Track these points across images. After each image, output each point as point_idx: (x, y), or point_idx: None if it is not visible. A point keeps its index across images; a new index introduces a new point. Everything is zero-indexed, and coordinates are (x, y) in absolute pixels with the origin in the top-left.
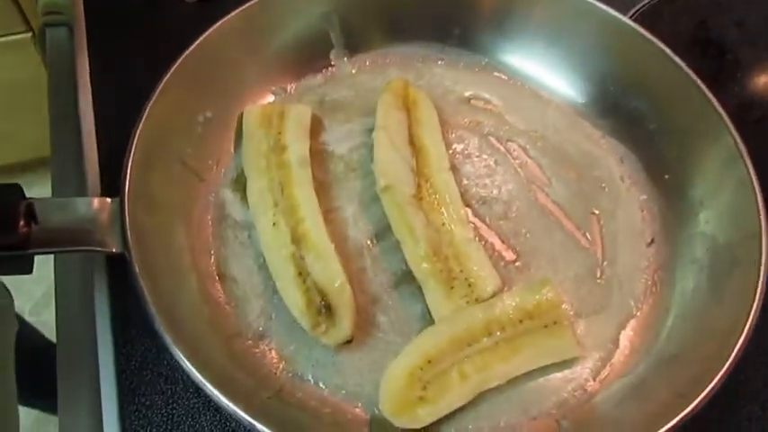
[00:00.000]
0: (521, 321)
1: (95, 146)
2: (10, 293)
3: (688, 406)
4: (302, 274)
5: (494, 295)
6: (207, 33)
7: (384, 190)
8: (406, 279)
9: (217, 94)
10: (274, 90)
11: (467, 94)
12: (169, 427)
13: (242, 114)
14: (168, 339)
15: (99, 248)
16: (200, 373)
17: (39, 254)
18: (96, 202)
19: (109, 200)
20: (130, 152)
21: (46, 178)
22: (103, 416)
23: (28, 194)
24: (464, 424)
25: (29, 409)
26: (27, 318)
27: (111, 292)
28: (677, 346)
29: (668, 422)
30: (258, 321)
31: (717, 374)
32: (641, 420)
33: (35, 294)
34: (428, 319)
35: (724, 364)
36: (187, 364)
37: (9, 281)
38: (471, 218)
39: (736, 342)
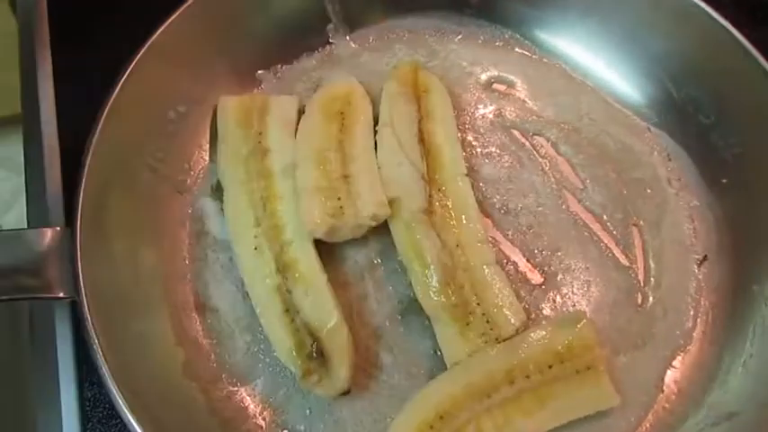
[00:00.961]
0: (549, 367)
1: (57, 152)
2: None
3: None
4: (290, 311)
5: (517, 332)
6: (180, 9)
7: (389, 204)
8: (414, 307)
9: (192, 82)
10: (261, 75)
11: (487, 76)
12: None
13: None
14: (124, 409)
15: (42, 295)
16: None
17: None
18: (41, 233)
19: (59, 229)
20: (86, 164)
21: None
22: None
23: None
24: None
25: None
26: None
27: (76, 330)
28: (737, 400)
29: None
30: (242, 361)
31: None
32: None
33: None
34: (439, 357)
35: None
36: None
37: None
38: (491, 231)
39: None
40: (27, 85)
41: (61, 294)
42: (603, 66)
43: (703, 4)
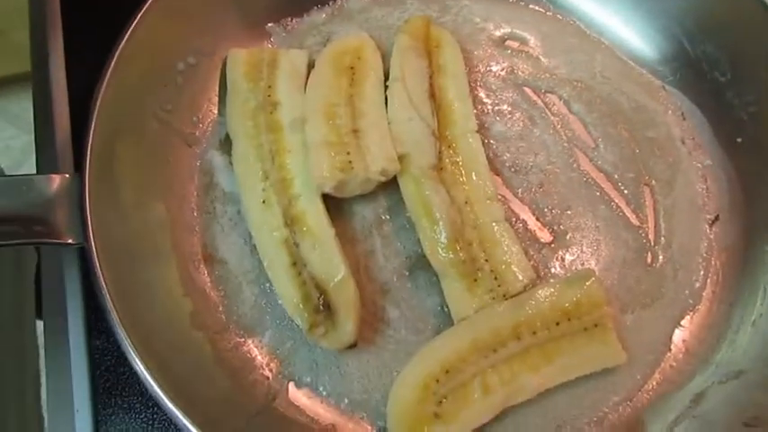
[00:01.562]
0: (557, 323)
1: (66, 105)
2: None
3: None
4: (297, 264)
5: (525, 289)
6: None
7: (400, 159)
8: (422, 264)
9: (201, 34)
10: (270, 28)
11: (500, 32)
12: None
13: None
14: (133, 355)
15: (51, 240)
16: (167, 396)
17: None
18: (50, 179)
19: (68, 175)
20: (95, 111)
21: None
22: (76, 424)
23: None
24: None
25: None
26: None
27: (84, 279)
28: (745, 358)
29: None
30: (250, 313)
31: None
32: None
33: None
34: (446, 313)
35: None
36: (153, 387)
37: None
38: (501, 189)
39: None
40: (36, 41)
41: (70, 241)
42: (619, 23)
43: None
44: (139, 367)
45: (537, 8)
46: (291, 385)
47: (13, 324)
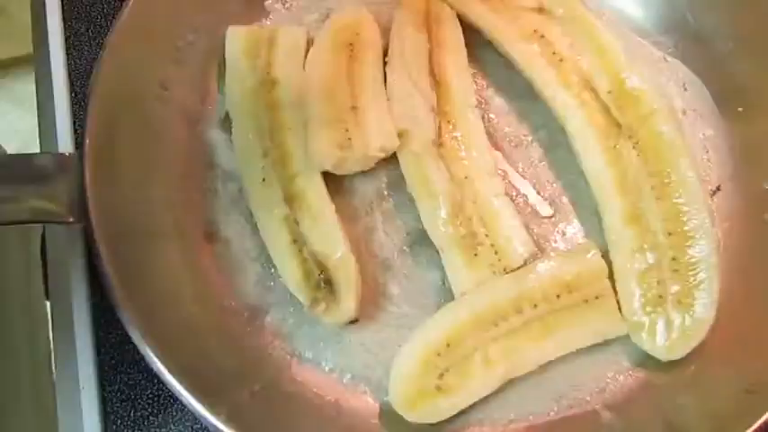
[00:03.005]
0: (557, 296)
1: (67, 84)
2: None
3: (760, 408)
4: (298, 241)
5: (525, 263)
6: None
7: (399, 136)
8: (423, 239)
9: (200, 11)
10: (270, 5)
11: None
12: (155, 410)
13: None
14: (136, 333)
15: (51, 219)
16: (171, 373)
17: None
18: (50, 158)
19: (68, 153)
20: (94, 90)
21: None
22: (82, 401)
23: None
24: (486, 416)
25: None
26: None
27: (88, 257)
28: (746, 325)
29: (735, 428)
30: (253, 291)
31: None
32: (701, 420)
33: None
34: (447, 288)
35: None
36: (157, 364)
37: None
38: (501, 163)
39: None
40: (36, 21)
41: (71, 219)
42: None
43: None
44: (143, 345)
45: None
46: (294, 361)
47: (24, 301)
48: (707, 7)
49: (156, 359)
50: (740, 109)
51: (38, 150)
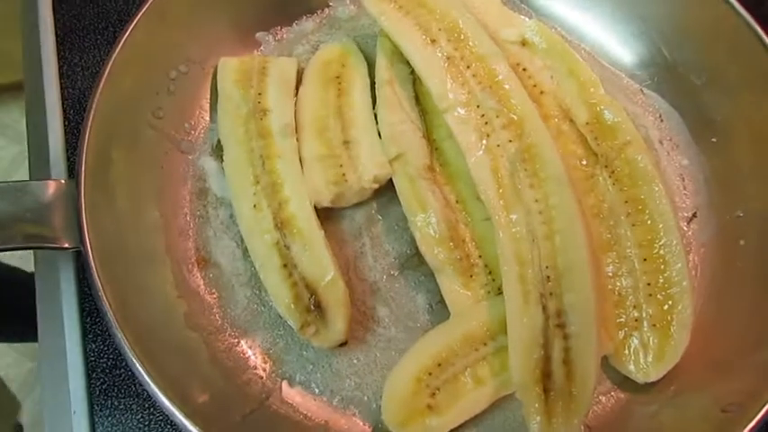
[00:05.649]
0: None
1: (60, 113)
2: None
3: (735, 428)
4: (288, 265)
5: None
6: None
7: (394, 160)
8: (411, 263)
9: (192, 42)
10: (260, 36)
11: None
12: None
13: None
14: (129, 355)
15: (47, 245)
16: (163, 395)
17: None
18: (45, 185)
19: (63, 181)
20: (89, 117)
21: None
22: (73, 425)
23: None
24: None
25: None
26: None
27: (79, 282)
28: (721, 348)
29: None
30: (243, 314)
31: None
32: None
33: None
34: (434, 311)
35: None
36: (150, 386)
37: None
38: None
39: None
40: (29, 50)
41: (66, 245)
42: (599, 29)
43: None
44: (136, 367)
45: (520, 14)
46: (285, 384)
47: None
48: (681, 43)
49: (149, 381)
50: (714, 139)
51: (20, 178)
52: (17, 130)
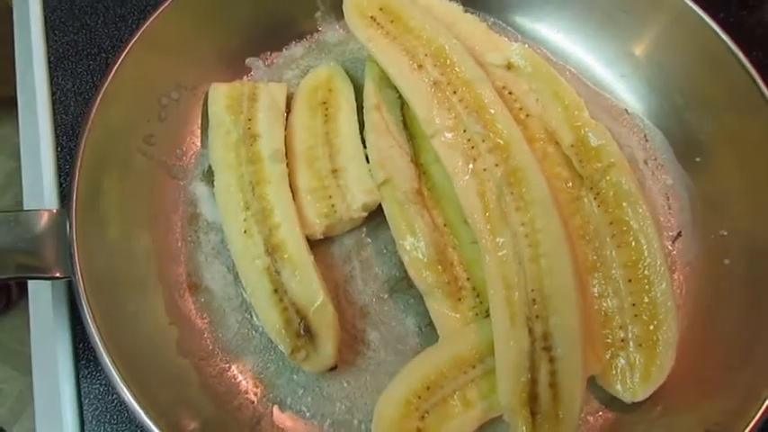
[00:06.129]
0: None
1: (53, 137)
2: None
3: None
4: (278, 290)
5: None
6: None
7: (383, 184)
8: (400, 287)
9: (183, 69)
10: (250, 62)
11: None
12: None
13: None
14: (119, 384)
15: (39, 275)
16: (154, 423)
17: None
18: (38, 215)
19: (55, 210)
20: (81, 144)
21: None
22: None
23: None
24: None
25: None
26: None
27: (72, 309)
28: (707, 366)
29: None
30: (234, 339)
31: (754, 410)
32: None
33: None
34: (424, 334)
35: (764, 400)
36: (140, 414)
37: None
38: None
39: None
40: (22, 70)
41: (58, 274)
42: (582, 51)
43: None
44: (126, 394)
45: (504, 37)
46: (275, 408)
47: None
48: (664, 64)
49: (138, 409)
50: (698, 159)
51: (13, 195)
52: (11, 144)
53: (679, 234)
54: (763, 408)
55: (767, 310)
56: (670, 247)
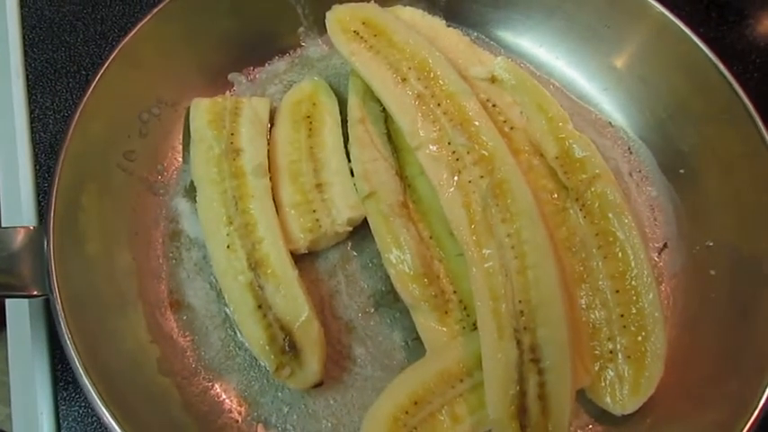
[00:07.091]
0: None
1: (31, 154)
2: None
3: None
4: (262, 306)
5: None
6: (152, 13)
7: (368, 198)
8: (386, 301)
9: (164, 84)
10: (233, 77)
11: None
12: None
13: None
14: (99, 405)
15: (15, 293)
16: None
17: None
18: (15, 232)
19: (32, 227)
20: (60, 161)
21: None
22: None
23: None
24: None
25: None
26: None
27: (50, 328)
28: (695, 378)
29: None
30: (217, 357)
31: (743, 422)
32: None
33: None
34: (411, 348)
35: (752, 411)
36: None
37: None
38: None
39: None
40: (1, 96)
41: (35, 292)
42: (565, 65)
43: (657, 4)
44: (106, 416)
45: (488, 51)
46: (260, 427)
47: None
48: (647, 76)
49: (118, 430)
50: (682, 170)
51: None
52: None
53: (665, 245)
54: (752, 419)
55: (754, 320)
56: (656, 259)
